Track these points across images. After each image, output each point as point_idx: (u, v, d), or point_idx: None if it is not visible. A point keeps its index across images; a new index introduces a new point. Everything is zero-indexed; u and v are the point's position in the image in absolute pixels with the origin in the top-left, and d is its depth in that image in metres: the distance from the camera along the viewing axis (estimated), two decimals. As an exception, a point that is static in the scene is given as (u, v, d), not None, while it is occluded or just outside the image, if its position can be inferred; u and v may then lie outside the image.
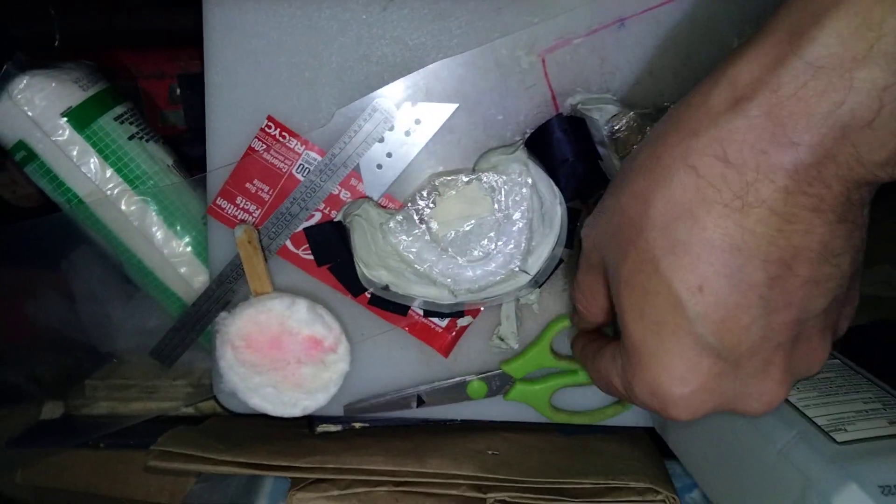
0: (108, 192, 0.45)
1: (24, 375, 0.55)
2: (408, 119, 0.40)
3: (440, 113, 0.40)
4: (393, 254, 0.41)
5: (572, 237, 0.42)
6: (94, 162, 0.44)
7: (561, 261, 0.43)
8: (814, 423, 0.32)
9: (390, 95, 0.40)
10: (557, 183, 0.41)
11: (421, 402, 0.46)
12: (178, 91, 0.54)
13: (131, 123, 0.46)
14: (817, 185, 0.24)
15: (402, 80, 0.40)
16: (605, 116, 0.39)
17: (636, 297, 0.28)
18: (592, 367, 0.35)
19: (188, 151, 0.52)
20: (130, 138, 0.46)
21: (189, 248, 0.47)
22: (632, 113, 0.39)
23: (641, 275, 0.28)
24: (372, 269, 0.41)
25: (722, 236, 0.25)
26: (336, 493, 0.42)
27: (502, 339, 0.45)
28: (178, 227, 0.46)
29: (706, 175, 0.25)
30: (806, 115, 0.23)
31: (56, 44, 0.55)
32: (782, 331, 0.26)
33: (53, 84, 0.43)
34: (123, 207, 0.45)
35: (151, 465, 0.43)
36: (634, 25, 0.40)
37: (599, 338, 0.37)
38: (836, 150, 0.23)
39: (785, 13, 0.25)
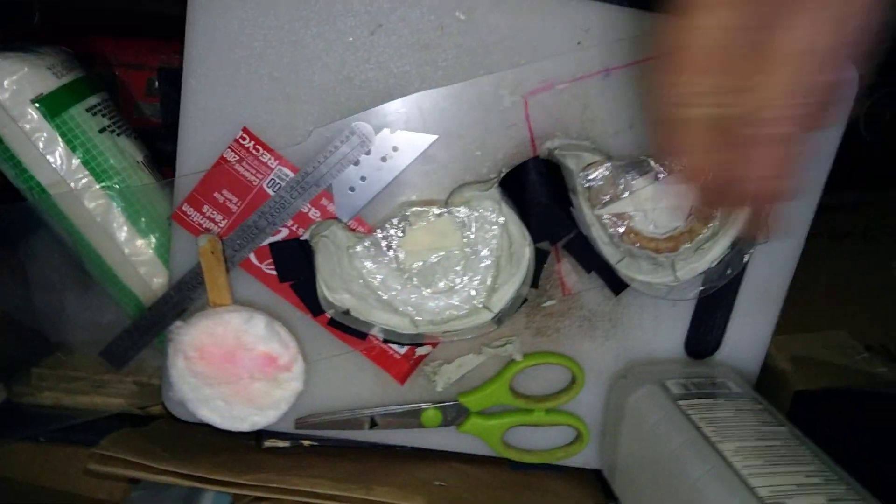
0: (73, 184, 0.44)
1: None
2: (385, 145, 0.40)
3: (418, 143, 0.40)
4: (357, 278, 0.41)
5: (538, 278, 0.43)
6: (60, 152, 0.43)
7: (525, 300, 0.43)
8: (755, 493, 0.33)
9: (370, 120, 0.39)
10: (529, 224, 0.41)
11: (374, 425, 0.46)
12: (157, 84, 0.53)
13: (104, 116, 0.45)
14: None
15: (383, 105, 0.39)
16: (581, 164, 0.40)
17: None
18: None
19: (162, 147, 0.51)
20: (101, 131, 0.45)
21: (152, 249, 0.46)
22: (608, 163, 0.39)
23: None
24: (335, 291, 0.40)
25: None
26: (277, 513, 0.42)
27: (434, 375, 0.44)
28: (143, 227, 0.45)
29: None
30: None
31: (35, 21, 0.54)
32: None
33: (26, 69, 0.42)
34: (87, 201, 0.44)
35: (91, 469, 0.42)
36: (619, 76, 0.40)
37: None
38: None
39: None
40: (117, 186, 0.44)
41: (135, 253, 0.46)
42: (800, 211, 0.44)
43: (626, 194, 0.40)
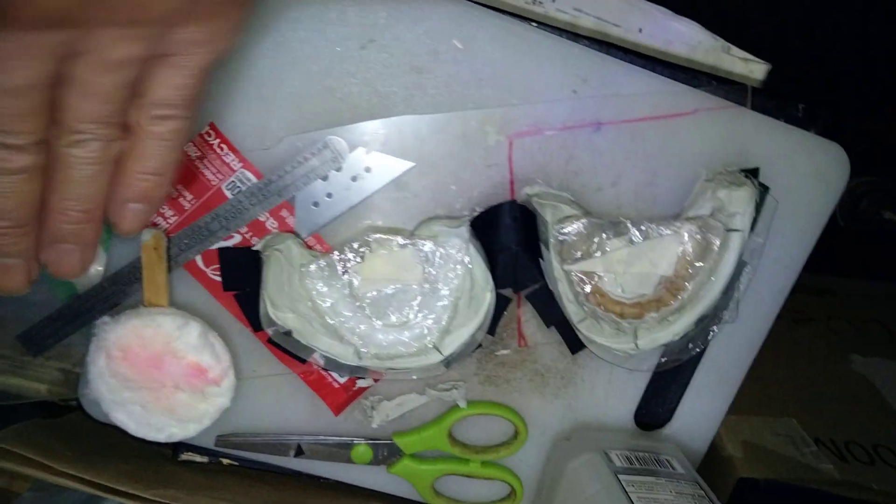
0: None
1: None
2: (358, 165, 0.38)
3: (393, 167, 0.38)
4: (305, 299, 0.38)
5: (496, 325, 0.41)
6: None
7: (479, 346, 0.41)
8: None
9: (346, 136, 0.37)
10: (495, 267, 0.39)
11: (300, 453, 0.43)
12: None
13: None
14: None
15: (362, 123, 0.37)
16: (557, 215, 0.38)
17: None
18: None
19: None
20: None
21: (93, 232, 0.43)
22: (585, 220, 0.38)
23: None
24: (279, 310, 0.38)
25: None
26: (179, 534, 0.39)
27: (372, 410, 0.42)
28: (87, 207, 0.42)
29: None
30: None
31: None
32: None
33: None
34: (30, 172, 0.41)
35: (-16, 461, 0.38)
36: (610, 132, 0.38)
37: None
38: None
39: None
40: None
41: (74, 233, 0.42)
42: (771, 294, 0.43)
43: (599, 254, 0.38)
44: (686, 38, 0.43)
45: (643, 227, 0.38)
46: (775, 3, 0.67)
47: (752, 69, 0.44)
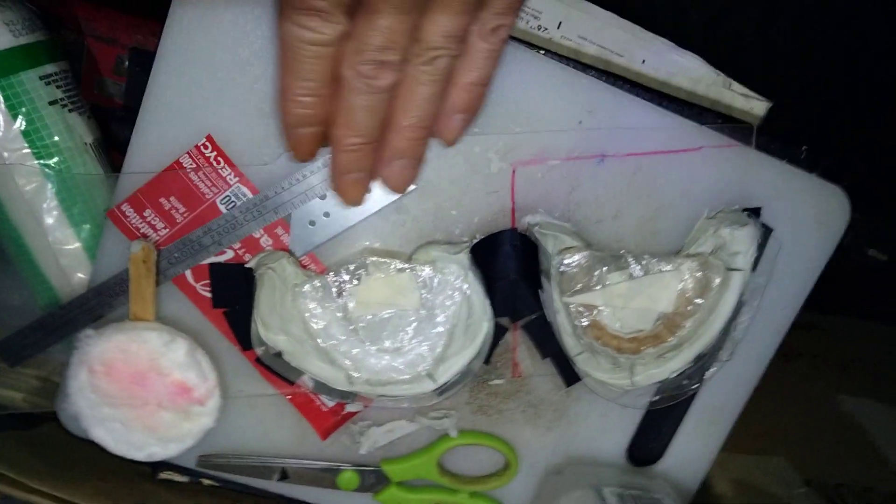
0: (7, 154, 0.39)
1: None
2: (358, 185, 0.37)
3: (393, 189, 0.37)
4: (298, 320, 0.37)
5: (492, 354, 0.40)
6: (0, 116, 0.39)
7: (473, 375, 0.40)
8: None
9: (347, 155, 0.36)
10: (493, 296, 0.38)
11: (284, 477, 0.42)
12: (127, 64, 0.49)
13: (58, 87, 0.41)
14: None
15: (364, 143, 0.36)
16: (558, 246, 0.37)
17: None
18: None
19: (116, 130, 0.47)
20: (52, 103, 0.40)
21: (80, 241, 0.41)
22: (586, 252, 0.37)
23: None
24: (270, 331, 0.37)
25: None
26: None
27: (360, 436, 0.41)
28: (75, 215, 0.41)
29: None
30: None
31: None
32: None
33: (-21, 20, 0.38)
34: (18, 176, 0.40)
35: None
36: (614, 165, 0.38)
37: None
38: None
39: None
40: (55, 167, 0.40)
41: (60, 241, 0.41)
42: (767, 334, 0.43)
43: (599, 287, 0.38)
44: (688, 72, 0.43)
45: (644, 262, 0.38)
46: (767, 32, 0.67)
47: (753, 106, 0.44)
